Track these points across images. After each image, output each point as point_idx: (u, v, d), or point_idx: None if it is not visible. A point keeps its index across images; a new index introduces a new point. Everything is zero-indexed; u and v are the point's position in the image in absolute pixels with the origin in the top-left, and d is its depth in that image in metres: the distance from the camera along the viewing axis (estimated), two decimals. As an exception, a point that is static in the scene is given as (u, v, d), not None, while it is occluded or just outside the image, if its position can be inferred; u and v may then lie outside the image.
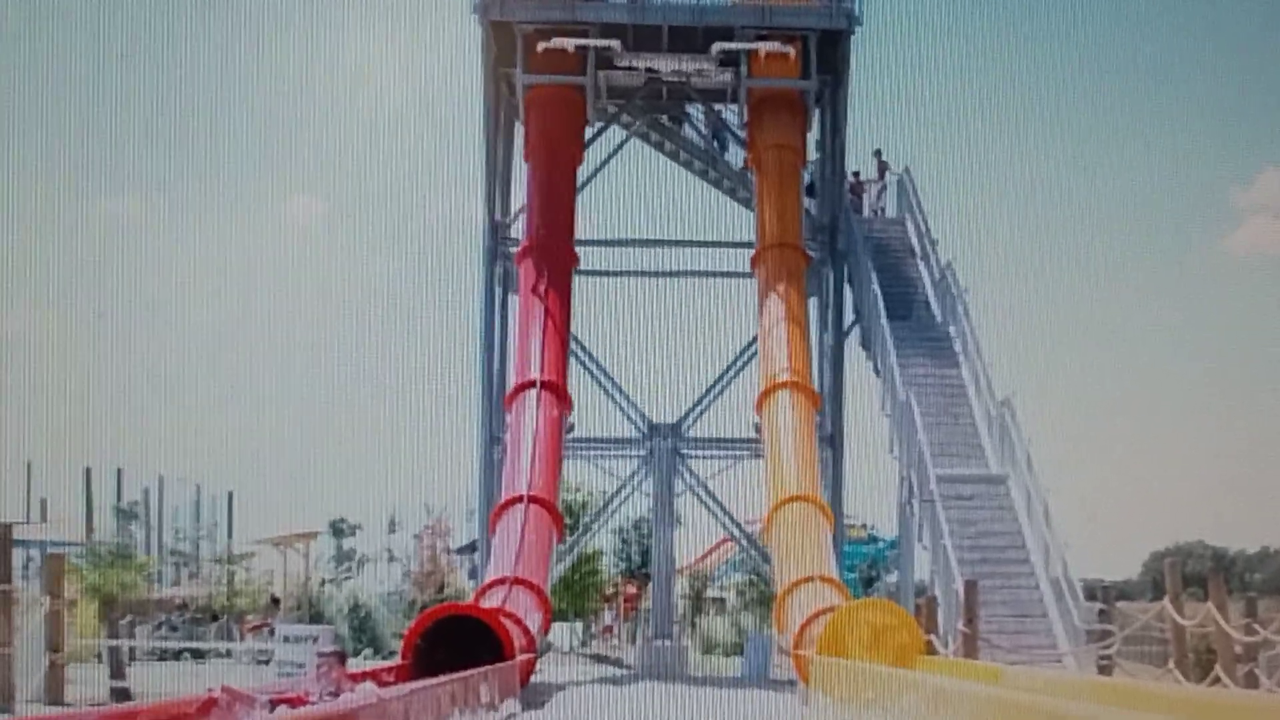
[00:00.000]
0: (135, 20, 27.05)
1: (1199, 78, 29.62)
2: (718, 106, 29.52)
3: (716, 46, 27.53)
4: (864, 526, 34.47)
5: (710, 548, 34.86)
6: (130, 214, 29.92)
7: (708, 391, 28.63)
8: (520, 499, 24.66)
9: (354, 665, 16.83)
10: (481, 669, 18.65)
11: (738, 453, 28.28)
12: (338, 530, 34.83)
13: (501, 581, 23.19)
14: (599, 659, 32.49)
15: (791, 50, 27.63)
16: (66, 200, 27.86)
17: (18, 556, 32.93)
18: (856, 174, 30.40)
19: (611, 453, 28.83)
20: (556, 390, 26.21)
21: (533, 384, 26.05)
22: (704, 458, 28.69)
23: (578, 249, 27.84)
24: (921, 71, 27.38)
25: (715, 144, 29.90)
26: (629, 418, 28.64)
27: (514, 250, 28.18)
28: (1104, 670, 21.68)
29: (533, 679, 22.47)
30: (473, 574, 30.21)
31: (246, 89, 27.91)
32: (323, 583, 33.78)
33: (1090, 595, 23.58)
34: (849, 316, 29.14)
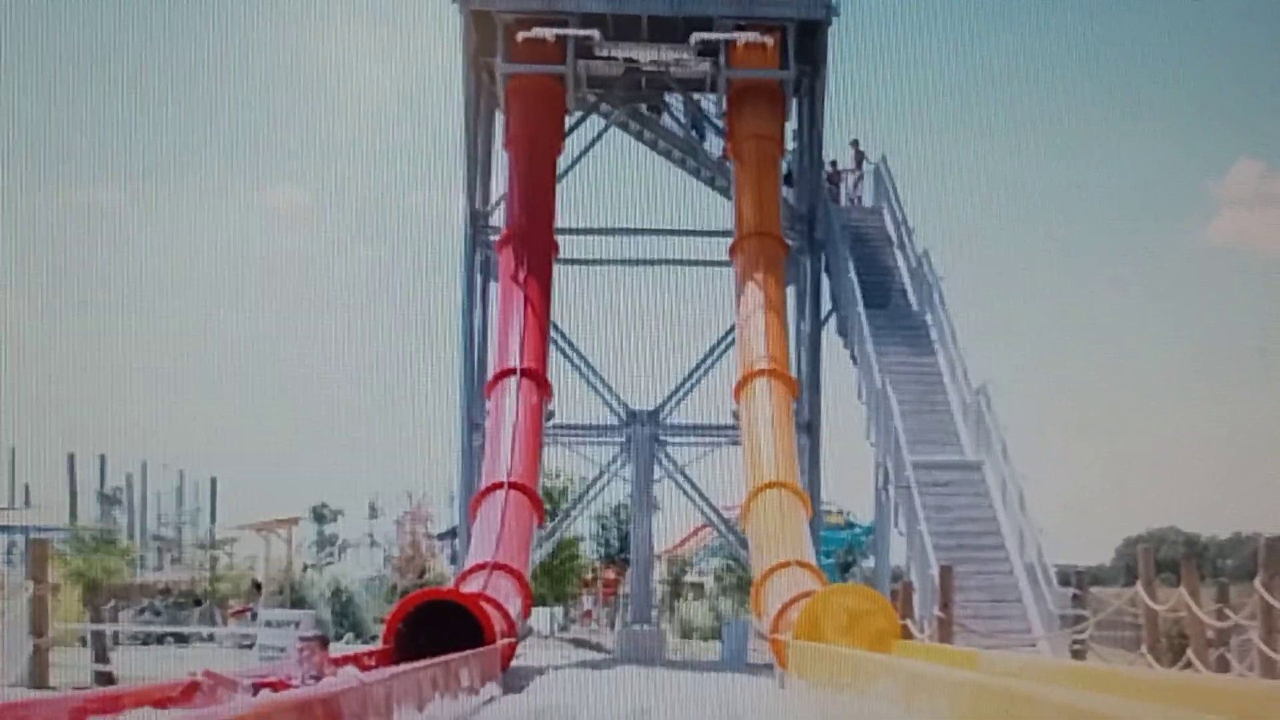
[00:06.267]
0: (118, 11, 27.13)
1: (1174, 70, 29.85)
2: (697, 96, 29.68)
3: (695, 36, 27.67)
4: (841, 512, 34.70)
5: (688, 533, 35.13)
6: (113, 203, 30.02)
7: (686, 379, 28.84)
8: (500, 485, 24.80)
9: (336, 650, 16.97)
10: (462, 653, 18.80)
11: (716, 439, 28.48)
12: (319, 516, 35.00)
13: (482, 567, 23.33)
14: (579, 643, 32.69)
15: (770, 40, 27.80)
16: (50, 190, 27.96)
17: (1, 542, 33.11)
18: (834, 163, 30.55)
19: (591, 439, 29.03)
20: (536, 377, 26.34)
21: (513, 371, 26.18)
22: (682, 444, 28.91)
23: (558, 237, 27.95)
24: (899, 62, 27.62)
25: (694, 133, 30.02)
26: (608, 405, 28.83)
27: (494, 239, 28.27)
28: (1077, 655, 21.84)
29: (513, 663, 22.62)
30: (453, 559, 30.35)
31: (228, 79, 28.03)
32: (305, 568, 33.92)
33: (1064, 580, 23.78)
34: (826, 305, 29.33)
